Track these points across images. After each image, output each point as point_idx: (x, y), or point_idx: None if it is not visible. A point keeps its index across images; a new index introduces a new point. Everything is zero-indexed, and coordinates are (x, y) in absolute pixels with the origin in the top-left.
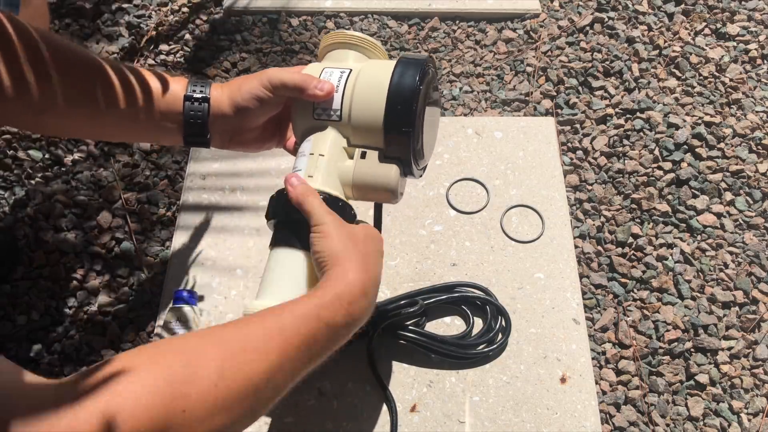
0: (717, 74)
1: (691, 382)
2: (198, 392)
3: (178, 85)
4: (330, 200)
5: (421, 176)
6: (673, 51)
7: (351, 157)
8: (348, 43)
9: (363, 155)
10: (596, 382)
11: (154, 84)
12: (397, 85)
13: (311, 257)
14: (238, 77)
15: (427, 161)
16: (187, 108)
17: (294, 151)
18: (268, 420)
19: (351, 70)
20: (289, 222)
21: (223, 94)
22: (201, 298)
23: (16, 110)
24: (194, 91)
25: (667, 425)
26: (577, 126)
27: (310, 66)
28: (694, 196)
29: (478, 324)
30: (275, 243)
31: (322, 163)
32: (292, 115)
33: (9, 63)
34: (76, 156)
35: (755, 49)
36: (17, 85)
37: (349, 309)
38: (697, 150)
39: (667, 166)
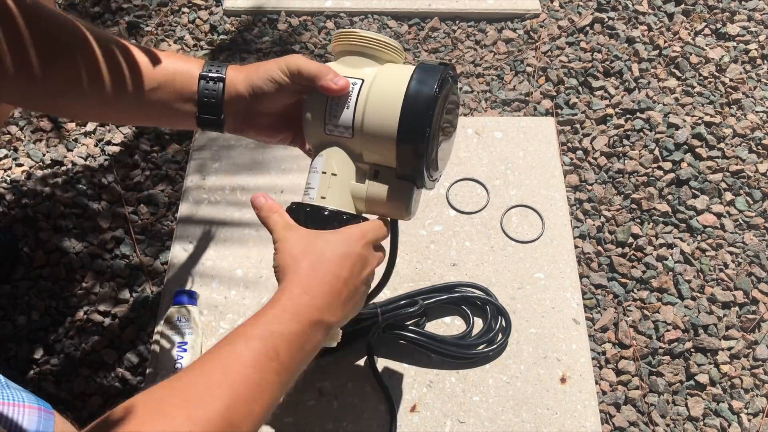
0: (717, 74)
1: (691, 382)
2: None
3: (195, 66)
4: (331, 215)
5: (433, 188)
6: (673, 51)
7: (364, 173)
8: (362, 47)
9: (376, 174)
10: (596, 382)
11: (170, 64)
12: (410, 105)
13: None
14: (258, 62)
15: (441, 172)
16: (202, 87)
17: (307, 153)
18: (269, 420)
19: (363, 81)
20: None
21: (239, 74)
22: (200, 298)
23: (24, 91)
24: (210, 70)
25: (667, 425)
26: (577, 126)
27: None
28: (694, 196)
29: (478, 324)
30: None
31: (334, 183)
32: (304, 128)
33: (12, 42)
34: (76, 156)
35: (755, 49)
36: (20, 65)
37: (299, 314)
38: (697, 150)
39: (667, 166)
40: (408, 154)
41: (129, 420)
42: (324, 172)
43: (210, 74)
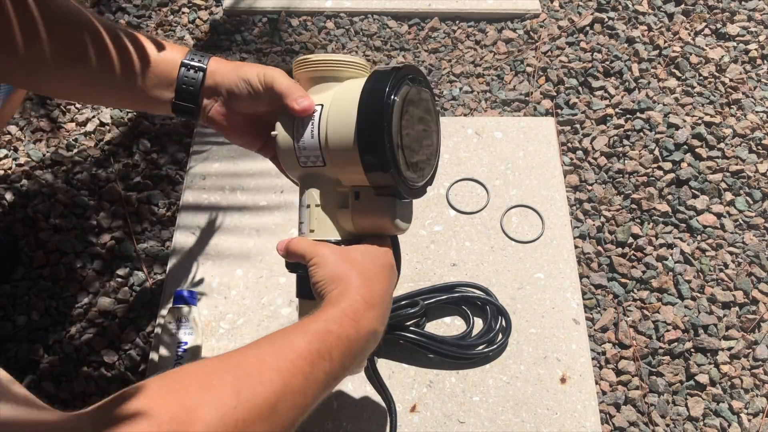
0: (717, 74)
1: (691, 382)
2: (218, 416)
3: (178, 53)
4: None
5: (421, 196)
6: (673, 51)
7: (346, 197)
8: (320, 71)
9: (357, 195)
10: (596, 383)
11: (151, 49)
12: (364, 117)
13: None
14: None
15: (427, 179)
16: (182, 74)
17: (281, 171)
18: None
19: (323, 106)
20: (300, 276)
21: (219, 68)
22: (201, 299)
23: (4, 67)
24: (192, 59)
25: (667, 425)
26: (577, 126)
27: None
28: (694, 197)
29: (478, 324)
30: (297, 293)
31: (320, 214)
32: (279, 157)
33: None
34: (76, 157)
35: (755, 49)
36: (4, 41)
37: (358, 321)
38: (697, 150)
39: (667, 166)
40: (373, 168)
41: (176, 386)
42: (308, 206)
43: (192, 63)
